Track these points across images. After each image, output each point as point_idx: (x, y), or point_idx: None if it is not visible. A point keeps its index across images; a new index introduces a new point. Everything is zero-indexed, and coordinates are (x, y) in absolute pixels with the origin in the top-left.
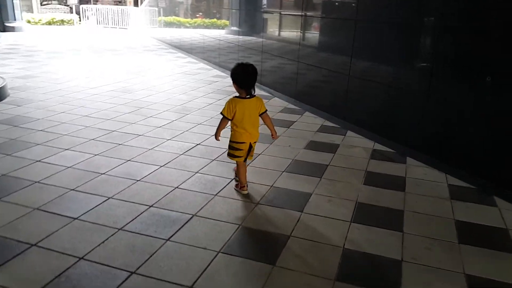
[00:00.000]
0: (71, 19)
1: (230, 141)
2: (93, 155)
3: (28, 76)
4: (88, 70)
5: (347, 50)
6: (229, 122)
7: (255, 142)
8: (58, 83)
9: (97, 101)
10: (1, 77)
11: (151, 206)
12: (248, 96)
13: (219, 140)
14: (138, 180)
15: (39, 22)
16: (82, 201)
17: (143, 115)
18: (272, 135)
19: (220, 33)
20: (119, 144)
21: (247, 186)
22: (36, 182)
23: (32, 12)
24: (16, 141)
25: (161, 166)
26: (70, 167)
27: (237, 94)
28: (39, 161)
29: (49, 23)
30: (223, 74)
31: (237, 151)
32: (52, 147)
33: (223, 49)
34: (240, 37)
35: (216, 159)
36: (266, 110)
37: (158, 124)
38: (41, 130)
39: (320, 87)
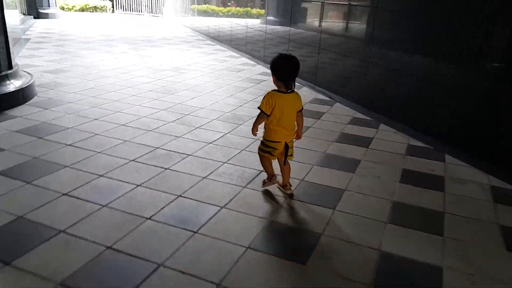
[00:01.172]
0: (104, 6)
1: (264, 139)
2: (134, 186)
3: (59, 70)
4: (123, 64)
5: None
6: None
7: (291, 142)
8: (91, 79)
9: (135, 105)
10: (29, 73)
11: (218, 284)
12: (289, 91)
13: (256, 136)
14: (195, 232)
15: (72, 8)
16: (123, 269)
17: (189, 124)
18: (297, 134)
19: (263, 23)
20: (166, 169)
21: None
22: (61, 231)
23: None
24: (39, 160)
25: (221, 208)
26: (105, 206)
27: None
28: (65, 194)
29: (82, 9)
30: (268, 70)
31: (272, 150)
32: (82, 172)
33: (269, 40)
34: (292, 28)
35: (296, 198)
36: (302, 108)
37: (209, 138)
38: (69, 145)
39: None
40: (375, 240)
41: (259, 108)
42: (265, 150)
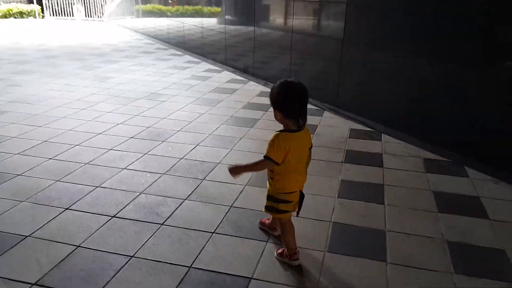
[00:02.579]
0: (32, 10)
1: (274, 192)
2: None
3: None
4: (80, 94)
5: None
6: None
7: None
8: (41, 126)
9: (120, 168)
10: None
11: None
12: (300, 128)
13: (235, 178)
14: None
15: None
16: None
17: (221, 203)
18: None
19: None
20: None
21: (298, 252)
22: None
23: None
24: None
25: None
26: None
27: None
28: None
29: (5, 16)
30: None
31: (287, 204)
32: None
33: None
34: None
35: None
36: (312, 145)
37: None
38: None
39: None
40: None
41: (266, 156)
42: (280, 209)
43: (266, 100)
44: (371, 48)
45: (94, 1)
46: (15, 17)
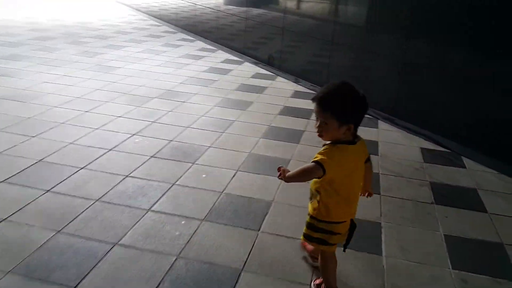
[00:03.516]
0: None
1: (318, 219)
2: None
3: None
4: (82, 90)
5: None
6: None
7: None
8: (34, 136)
9: (140, 209)
10: None
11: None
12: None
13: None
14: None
15: None
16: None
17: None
18: (366, 190)
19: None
20: None
21: None
22: None
23: None
24: None
25: None
26: None
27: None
28: None
29: None
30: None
31: (334, 236)
32: None
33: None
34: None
35: None
36: (370, 156)
37: None
38: None
39: None
40: None
41: (316, 161)
42: (325, 241)
43: (305, 104)
44: (444, 42)
45: None
46: None
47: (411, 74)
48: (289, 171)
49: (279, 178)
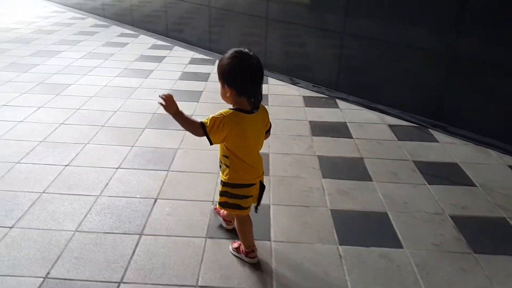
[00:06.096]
0: None
1: (227, 184)
2: None
3: None
4: (39, 125)
5: None
6: (219, 151)
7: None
8: None
9: None
10: None
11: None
12: (255, 109)
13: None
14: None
15: None
16: None
17: None
18: None
19: None
20: None
21: (256, 249)
22: None
23: None
24: None
25: None
26: None
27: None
28: None
29: None
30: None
31: (244, 199)
32: None
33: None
34: None
35: None
36: (271, 125)
37: None
38: None
39: None
40: None
41: (202, 124)
42: (237, 205)
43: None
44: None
45: None
46: None
47: (459, 72)
48: (176, 105)
49: (160, 104)
